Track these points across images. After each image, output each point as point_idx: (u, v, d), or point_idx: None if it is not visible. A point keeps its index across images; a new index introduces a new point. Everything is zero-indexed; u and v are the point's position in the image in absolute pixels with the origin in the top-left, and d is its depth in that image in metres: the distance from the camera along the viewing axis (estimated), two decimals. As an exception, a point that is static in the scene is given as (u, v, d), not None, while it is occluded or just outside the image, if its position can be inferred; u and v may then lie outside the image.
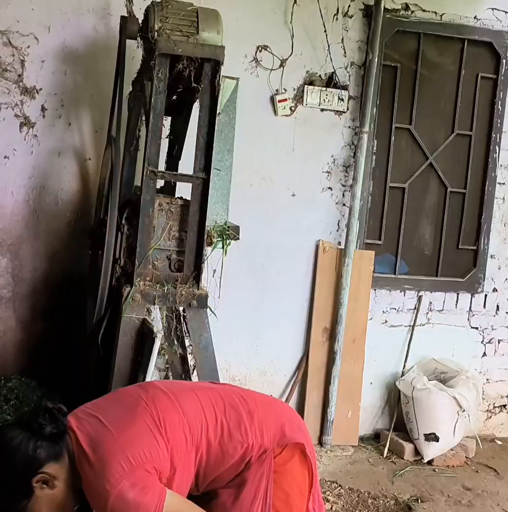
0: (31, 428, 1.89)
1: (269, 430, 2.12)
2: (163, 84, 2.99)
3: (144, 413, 1.99)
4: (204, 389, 2.21)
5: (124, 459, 1.86)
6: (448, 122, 4.76)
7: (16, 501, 1.86)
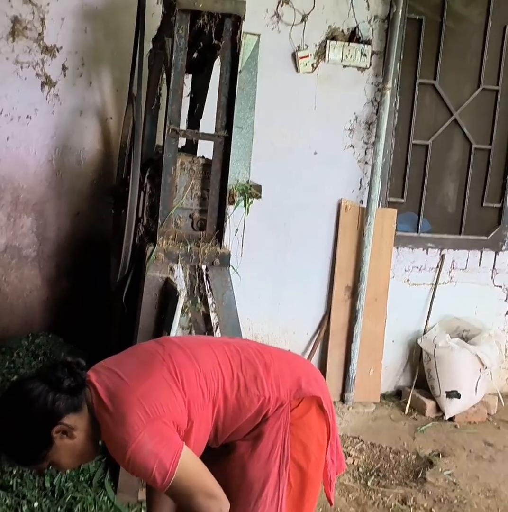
0: (50, 381, 1.93)
1: (286, 383, 2.13)
2: (184, 41, 2.95)
3: (160, 367, 2.02)
4: (220, 344, 2.22)
5: (141, 411, 1.88)
6: (474, 77, 4.66)
7: (37, 450, 1.93)
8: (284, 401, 2.10)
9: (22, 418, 1.91)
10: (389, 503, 3.35)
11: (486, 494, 3.55)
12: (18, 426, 1.91)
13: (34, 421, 1.90)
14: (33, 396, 1.91)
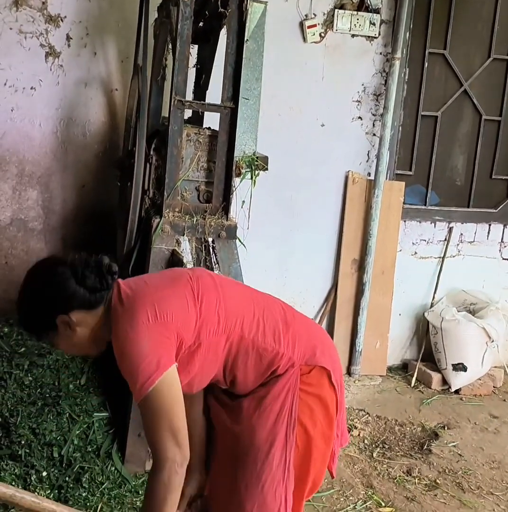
0: (76, 274, 1.97)
1: (301, 346, 2.11)
2: (190, 10, 2.91)
3: (185, 284, 2.03)
4: (249, 289, 2.23)
5: (151, 311, 1.89)
6: (485, 46, 4.59)
7: (41, 327, 2.03)
8: (295, 363, 2.09)
9: (37, 292, 2.01)
10: (394, 474, 3.38)
11: (490, 465, 3.57)
12: (32, 297, 2.03)
13: (45, 301, 1.98)
14: (55, 280, 1.97)
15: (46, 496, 2.75)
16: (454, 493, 3.26)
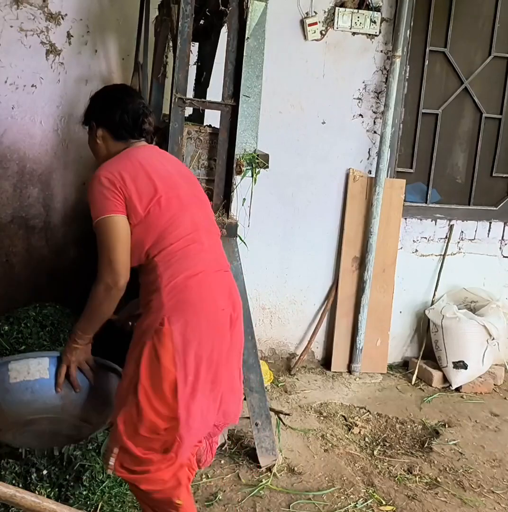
0: (138, 109, 2.50)
1: (179, 300, 2.18)
2: (190, 7, 2.90)
3: (169, 183, 2.37)
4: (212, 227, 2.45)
5: (116, 174, 2.25)
6: (485, 44, 4.59)
7: (86, 119, 2.60)
8: (164, 308, 2.16)
9: (96, 95, 2.61)
10: (395, 472, 3.38)
11: (491, 463, 3.56)
12: (94, 95, 2.62)
13: (94, 104, 2.57)
14: (120, 98, 2.52)
15: (46, 494, 2.75)
16: (455, 492, 3.26)
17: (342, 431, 3.76)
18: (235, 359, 2.37)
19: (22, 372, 2.62)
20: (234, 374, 2.38)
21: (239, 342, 2.39)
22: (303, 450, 3.52)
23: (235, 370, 2.39)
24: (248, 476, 3.21)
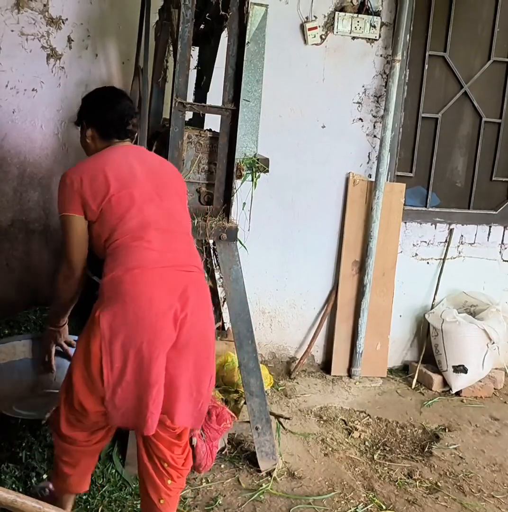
0: (123, 112, 2.59)
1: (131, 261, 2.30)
2: (191, 12, 2.91)
3: (130, 179, 2.46)
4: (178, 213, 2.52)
5: (77, 176, 2.41)
6: (485, 49, 4.60)
7: (78, 118, 2.74)
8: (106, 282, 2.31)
9: (88, 95, 2.76)
10: (395, 476, 3.37)
11: (491, 468, 3.56)
12: (86, 95, 2.77)
13: (85, 105, 2.71)
14: (109, 99, 2.66)
15: (47, 498, 2.75)
16: (455, 496, 3.25)
17: (342, 435, 3.76)
18: (190, 359, 2.32)
19: (9, 354, 2.81)
20: (186, 375, 2.32)
21: (196, 344, 2.33)
22: (303, 454, 3.52)
23: (191, 371, 2.33)
24: (248, 481, 3.21)
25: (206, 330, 2.39)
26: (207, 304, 2.45)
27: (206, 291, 2.47)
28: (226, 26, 3.04)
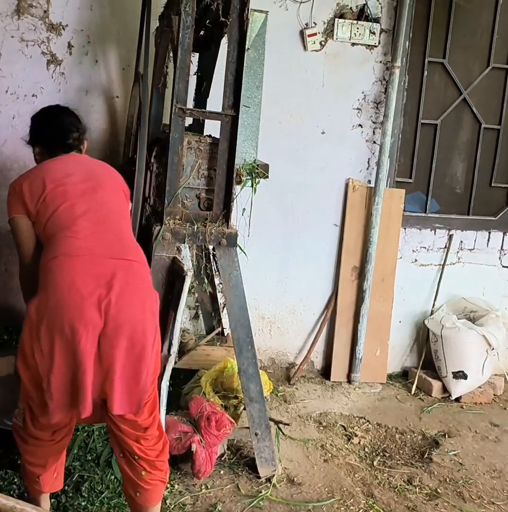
0: (63, 131, 2.76)
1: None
2: (191, 19, 2.92)
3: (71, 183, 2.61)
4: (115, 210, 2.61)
5: (19, 184, 2.59)
6: (484, 55, 4.61)
7: (30, 140, 2.83)
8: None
9: (39, 113, 2.86)
10: (395, 483, 3.37)
11: (491, 474, 3.55)
12: (35, 115, 2.86)
13: (32, 128, 2.82)
14: (50, 116, 2.83)
15: (45, 504, 2.74)
16: (455, 503, 3.24)
17: (341, 441, 3.75)
18: (122, 347, 2.29)
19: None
20: (121, 363, 2.30)
21: (128, 333, 2.31)
22: (303, 460, 3.51)
23: (125, 360, 2.31)
24: (248, 487, 3.20)
25: (139, 320, 2.35)
26: (143, 294, 2.42)
27: (142, 281, 2.46)
28: (226, 32, 3.04)
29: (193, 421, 3.20)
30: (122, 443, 2.49)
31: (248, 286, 3.26)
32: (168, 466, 2.63)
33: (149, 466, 2.51)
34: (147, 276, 2.54)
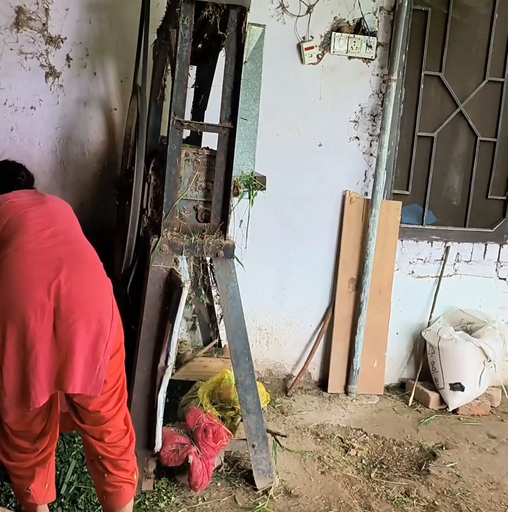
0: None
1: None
2: (189, 32, 2.94)
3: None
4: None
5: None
6: (480, 69, 4.64)
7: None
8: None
9: None
10: (392, 495, 3.36)
11: (489, 486, 3.55)
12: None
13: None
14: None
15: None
16: (452, 514, 3.24)
17: (339, 453, 3.75)
18: (80, 324, 2.29)
19: None
20: (80, 341, 2.28)
21: (84, 309, 2.32)
22: (300, 472, 3.51)
23: (84, 336, 2.29)
24: (245, 499, 3.19)
25: (93, 295, 2.38)
26: (93, 271, 2.48)
27: (91, 260, 2.54)
28: (224, 45, 3.07)
29: (190, 432, 3.19)
30: (88, 446, 2.52)
31: (245, 297, 3.26)
32: (135, 466, 2.63)
33: (112, 466, 2.53)
34: (99, 262, 2.58)
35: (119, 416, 2.52)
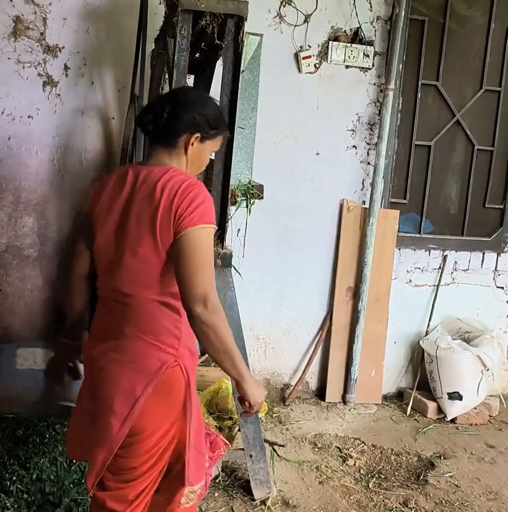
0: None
1: None
2: (186, 41, 2.94)
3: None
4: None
5: None
6: (476, 78, 4.65)
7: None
8: None
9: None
10: (390, 505, 3.34)
11: (487, 496, 3.53)
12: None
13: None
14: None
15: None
16: (451, 524, 3.23)
17: (337, 463, 3.73)
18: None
19: (29, 360, 2.73)
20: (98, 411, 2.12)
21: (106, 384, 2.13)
22: (298, 482, 3.49)
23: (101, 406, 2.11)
24: (242, 510, 3.17)
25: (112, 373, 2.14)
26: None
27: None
28: (221, 55, 3.07)
29: (187, 442, 3.17)
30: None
31: (242, 306, 3.26)
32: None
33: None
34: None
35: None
